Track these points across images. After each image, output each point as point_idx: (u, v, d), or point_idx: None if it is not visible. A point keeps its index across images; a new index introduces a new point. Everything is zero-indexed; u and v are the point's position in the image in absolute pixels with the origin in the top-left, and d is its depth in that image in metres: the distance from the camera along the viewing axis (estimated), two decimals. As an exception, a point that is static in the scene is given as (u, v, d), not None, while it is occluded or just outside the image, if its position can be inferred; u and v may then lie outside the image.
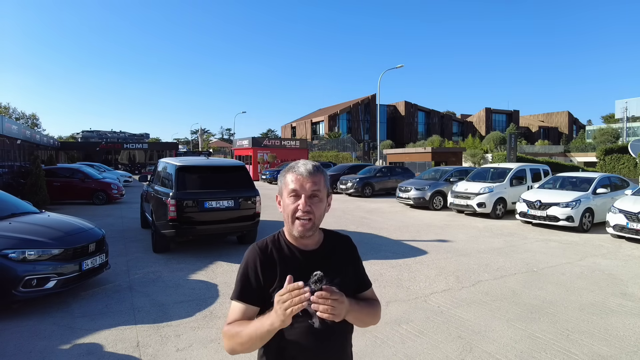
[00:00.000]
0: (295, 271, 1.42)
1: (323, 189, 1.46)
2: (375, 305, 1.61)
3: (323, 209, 1.48)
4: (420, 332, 4.35)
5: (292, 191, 1.43)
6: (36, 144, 22.15)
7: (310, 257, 1.50)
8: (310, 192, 1.42)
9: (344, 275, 1.53)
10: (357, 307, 1.44)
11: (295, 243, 1.51)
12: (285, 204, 1.46)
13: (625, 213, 9.07)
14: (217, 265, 6.95)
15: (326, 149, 51.54)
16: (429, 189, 14.82)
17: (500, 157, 31.94)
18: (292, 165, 1.49)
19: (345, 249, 1.62)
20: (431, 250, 8.16)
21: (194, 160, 8.73)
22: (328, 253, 1.54)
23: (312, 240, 1.52)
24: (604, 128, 54.79)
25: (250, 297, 1.44)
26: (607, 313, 4.95)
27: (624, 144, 27.63)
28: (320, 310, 1.24)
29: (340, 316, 1.30)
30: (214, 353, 3.88)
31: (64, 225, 5.68)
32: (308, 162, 1.49)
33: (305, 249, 1.51)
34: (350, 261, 1.61)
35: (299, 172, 1.44)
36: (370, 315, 1.55)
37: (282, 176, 1.49)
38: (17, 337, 4.16)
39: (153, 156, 43.38)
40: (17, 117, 48.91)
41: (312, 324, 1.40)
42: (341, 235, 1.66)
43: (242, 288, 1.46)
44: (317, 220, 1.45)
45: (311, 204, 1.42)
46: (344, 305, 1.30)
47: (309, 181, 1.42)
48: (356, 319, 1.49)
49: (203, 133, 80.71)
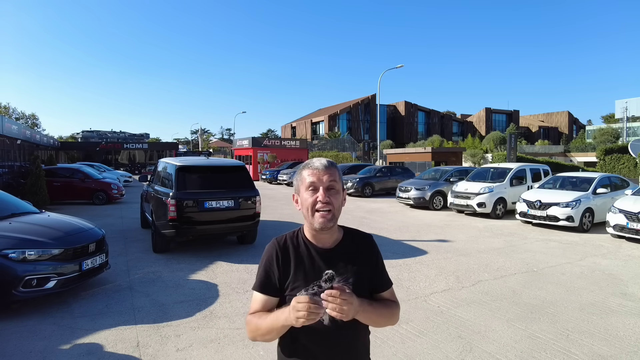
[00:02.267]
0: (309, 268, 1.50)
1: (339, 181, 1.51)
2: (392, 307, 1.60)
3: (340, 201, 1.51)
4: (420, 332, 4.35)
5: (310, 184, 1.46)
6: (36, 144, 22.16)
7: (326, 256, 1.52)
8: (328, 183, 1.46)
9: (360, 275, 1.53)
10: (369, 308, 1.46)
11: (313, 240, 1.54)
12: (303, 198, 1.49)
13: (625, 213, 9.07)
14: (217, 265, 6.95)
15: (326, 149, 51.55)
16: (429, 189, 14.82)
17: (500, 157, 31.92)
18: (306, 163, 1.53)
19: (365, 248, 1.62)
20: (431, 250, 8.16)
21: (194, 160, 8.72)
22: (345, 252, 1.55)
23: (330, 238, 1.54)
24: (604, 128, 54.81)
25: (269, 289, 1.52)
26: (607, 313, 4.95)
27: (624, 144, 27.64)
28: (329, 308, 1.30)
29: (349, 316, 1.34)
30: (214, 353, 3.88)
31: (64, 225, 5.68)
32: (322, 158, 1.53)
33: (322, 247, 1.53)
34: (368, 261, 1.60)
35: (314, 166, 1.49)
36: (383, 316, 1.55)
37: (297, 174, 1.54)
38: (17, 337, 4.16)
39: (153, 156, 43.40)
40: (16, 117, 48.93)
41: (322, 321, 1.43)
42: (362, 234, 1.66)
43: (261, 280, 1.53)
44: (337, 212, 1.48)
45: (329, 196, 1.45)
46: (353, 305, 1.33)
47: (326, 173, 1.47)
48: (367, 320, 1.50)
49: (203, 133, 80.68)
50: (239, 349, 3.96)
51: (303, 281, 1.48)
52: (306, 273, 1.49)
